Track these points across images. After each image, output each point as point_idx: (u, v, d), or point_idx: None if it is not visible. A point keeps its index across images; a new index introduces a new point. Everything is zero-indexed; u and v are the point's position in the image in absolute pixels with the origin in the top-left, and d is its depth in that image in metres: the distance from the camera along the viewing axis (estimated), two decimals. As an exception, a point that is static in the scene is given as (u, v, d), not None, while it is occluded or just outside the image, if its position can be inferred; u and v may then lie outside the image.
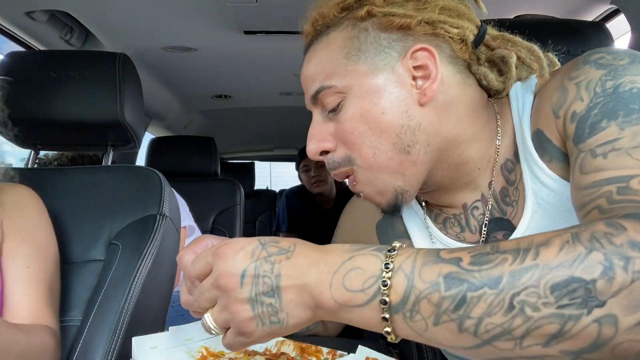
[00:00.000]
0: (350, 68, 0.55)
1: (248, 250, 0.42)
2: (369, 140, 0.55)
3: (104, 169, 0.95)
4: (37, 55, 1.10)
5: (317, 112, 0.59)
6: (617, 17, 1.28)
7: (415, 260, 0.38)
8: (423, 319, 0.37)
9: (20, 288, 0.70)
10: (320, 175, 2.42)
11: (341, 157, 0.58)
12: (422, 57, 0.54)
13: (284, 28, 1.43)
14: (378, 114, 0.54)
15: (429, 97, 0.55)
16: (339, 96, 0.56)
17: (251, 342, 0.43)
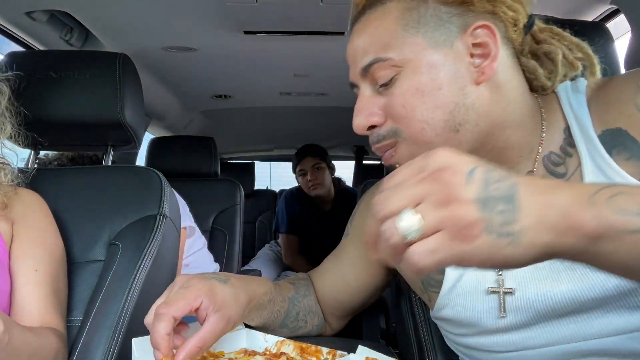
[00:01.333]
0: (408, 40, 0.54)
1: (473, 158, 0.37)
2: (421, 114, 0.54)
3: (104, 169, 0.95)
4: (37, 55, 1.10)
5: (365, 86, 0.58)
6: (617, 17, 1.28)
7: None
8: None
9: (29, 291, 0.70)
10: (317, 178, 2.42)
11: (387, 131, 0.56)
12: (483, 34, 0.53)
13: (284, 28, 1.43)
14: (435, 89, 0.53)
15: (487, 76, 0.54)
16: (394, 69, 0.54)
17: (465, 255, 0.34)
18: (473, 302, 0.60)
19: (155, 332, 0.51)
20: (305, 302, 0.76)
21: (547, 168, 0.58)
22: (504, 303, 0.57)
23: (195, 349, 0.52)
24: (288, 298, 0.74)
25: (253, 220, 3.22)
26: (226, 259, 1.86)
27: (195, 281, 0.57)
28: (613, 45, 0.89)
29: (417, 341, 0.80)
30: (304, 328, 0.76)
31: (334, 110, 2.45)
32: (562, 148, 0.57)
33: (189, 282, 0.57)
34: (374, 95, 0.57)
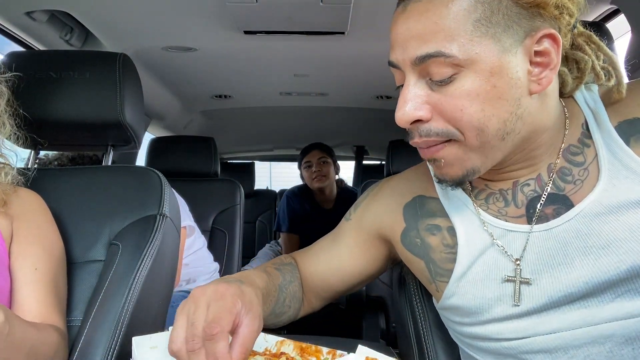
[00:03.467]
0: (476, 39, 0.50)
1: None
2: (478, 121, 0.52)
3: (104, 169, 0.95)
4: (37, 55, 1.10)
5: (413, 75, 0.54)
6: (617, 17, 1.28)
7: None
8: None
9: (29, 289, 0.70)
10: (322, 170, 2.43)
11: (440, 129, 0.54)
12: (546, 43, 0.52)
13: (284, 28, 1.43)
14: (495, 98, 0.51)
15: (542, 87, 0.53)
16: (454, 68, 0.51)
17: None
18: (484, 289, 0.60)
19: (218, 353, 0.48)
20: (290, 288, 0.75)
21: (566, 158, 0.60)
22: (519, 292, 0.57)
23: (242, 354, 0.50)
24: (277, 286, 0.72)
25: (253, 220, 3.22)
26: (226, 259, 1.86)
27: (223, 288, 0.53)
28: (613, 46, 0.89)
29: (417, 341, 0.80)
30: (287, 313, 0.75)
31: (334, 110, 2.45)
32: (579, 140, 0.59)
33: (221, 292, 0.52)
34: (422, 87, 0.54)
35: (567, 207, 0.57)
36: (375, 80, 1.97)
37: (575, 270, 0.55)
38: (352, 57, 1.69)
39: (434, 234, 0.66)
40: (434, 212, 0.67)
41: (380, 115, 2.47)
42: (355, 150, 3.37)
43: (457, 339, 0.69)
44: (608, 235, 0.53)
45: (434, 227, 0.66)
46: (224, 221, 1.94)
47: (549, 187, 0.59)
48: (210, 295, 0.52)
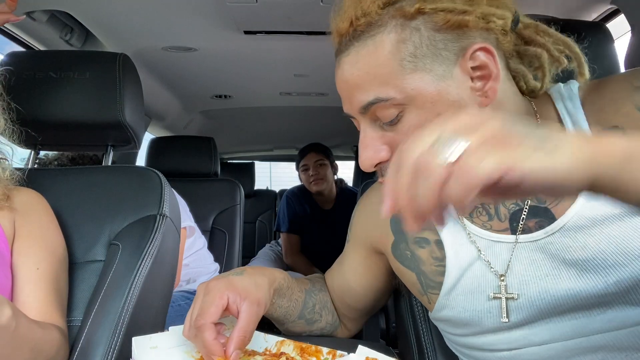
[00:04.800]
0: (408, 77, 0.51)
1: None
2: None
3: (104, 169, 0.95)
4: (37, 55, 1.10)
5: (365, 122, 0.56)
6: (617, 17, 1.28)
7: None
8: None
9: (30, 289, 0.70)
10: (319, 173, 2.42)
11: None
12: (481, 57, 0.52)
13: (284, 28, 1.43)
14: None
15: (490, 99, 0.53)
16: (397, 107, 0.52)
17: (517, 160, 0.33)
18: (474, 302, 0.60)
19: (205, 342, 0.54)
20: (321, 295, 0.79)
21: None
22: (507, 308, 0.57)
23: (240, 339, 0.55)
24: (305, 289, 0.76)
25: (253, 220, 3.22)
26: (226, 259, 1.86)
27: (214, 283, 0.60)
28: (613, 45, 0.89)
29: (417, 341, 0.80)
30: (319, 322, 0.77)
31: (334, 110, 2.45)
32: None
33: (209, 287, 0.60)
34: (376, 131, 0.56)
35: (550, 220, 0.56)
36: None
37: (563, 282, 0.54)
38: (352, 57, 1.69)
39: (423, 247, 0.66)
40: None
41: (380, 115, 2.46)
42: (356, 150, 3.37)
43: (453, 348, 0.70)
44: (593, 248, 0.52)
45: (422, 240, 0.66)
46: (224, 221, 1.94)
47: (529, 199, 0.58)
48: (203, 290, 0.59)
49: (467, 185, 0.33)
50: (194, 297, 0.99)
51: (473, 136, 0.34)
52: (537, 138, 0.34)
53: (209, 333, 0.54)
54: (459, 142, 0.33)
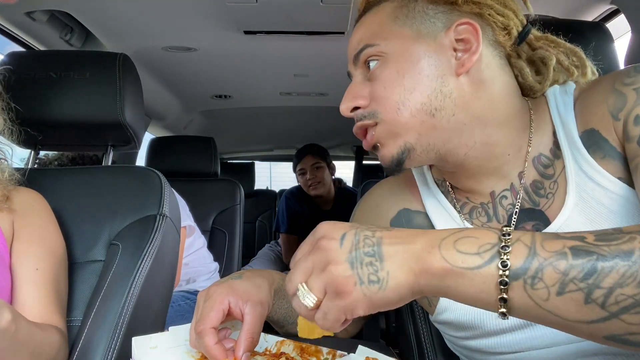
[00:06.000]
0: (395, 31, 0.58)
1: (346, 225, 0.44)
2: (398, 95, 0.57)
3: (104, 169, 0.95)
4: (37, 55, 1.10)
5: (357, 73, 0.62)
6: (617, 17, 1.28)
7: (534, 236, 0.38)
8: (546, 287, 0.36)
9: (30, 290, 0.70)
10: (316, 177, 2.42)
11: (367, 111, 0.60)
12: (465, 30, 0.57)
13: (284, 28, 1.43)
14: (415, 74, 0.57)
15: (466, 69, 0.57)
16: (380, 56, 0.58)
17: (348, 307, 0.41)
18: None
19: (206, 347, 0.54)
20: None
21: (537, 170, 0.60)
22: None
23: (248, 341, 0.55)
24: None
25: (253, 220, 3.22)
26: (226, 259, 1.86)
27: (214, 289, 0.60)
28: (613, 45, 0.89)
29: (417, 341, 0.80)
30: None
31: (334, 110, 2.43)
32: (551, 150, 0.59)
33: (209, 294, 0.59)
34: (363, 82, 0.61)
35: (545, 224, 0.57)
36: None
37: None
38: (352, 57, 1.69)
39: None
40: (421, 227, 0.67)
41: (380, 115, 2.46)
42: (355, 150, 3.37)
43: (455, 350, 0.69)
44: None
45: None
46: (224, 221, 1.94)
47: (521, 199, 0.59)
48: (203, 297, 0.59)
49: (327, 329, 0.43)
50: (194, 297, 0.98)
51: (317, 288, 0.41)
52: (368, 277, 0.40)
53: (209, 338, 0.54)
54: (309, 298, 0.42)
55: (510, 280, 0.37)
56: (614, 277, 0.34)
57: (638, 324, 0.34)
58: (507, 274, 0.37)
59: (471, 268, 0.38)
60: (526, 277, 0.37)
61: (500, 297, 0.37)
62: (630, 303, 0.34)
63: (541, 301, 0.36)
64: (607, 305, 0.35)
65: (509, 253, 0.37)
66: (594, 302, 0.35)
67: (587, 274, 0.35)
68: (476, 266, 0.38)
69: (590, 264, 0.35)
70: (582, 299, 0.35)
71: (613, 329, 0.35)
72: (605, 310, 0.35)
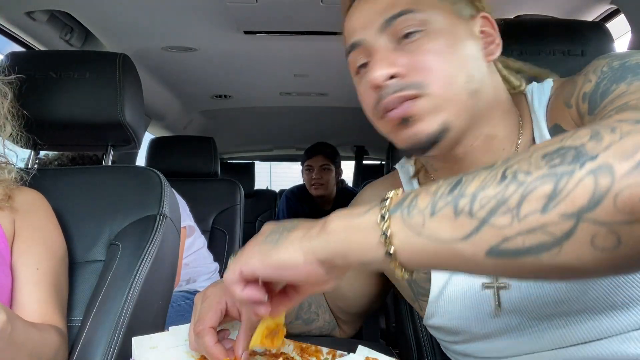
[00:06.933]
0: (438, 3, 0.56)
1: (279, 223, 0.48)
2: (448, 70, 0.55)
3: (104, 169, 0.95)
4: (37, 55, 1.10)
5: (384, 39, 0.57)
6: (617, 17, 1.28)
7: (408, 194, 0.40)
8: (420, 212, 0.37)
9: (30, 289, 0.70)
10: (322, 178, 2.42)
11: (412, 82, 0.55)
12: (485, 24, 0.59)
13: (284, 28, 1.43)
14: (463, 51, 0.56)
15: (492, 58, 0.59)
16: (422, 24, 0.55)
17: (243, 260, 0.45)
18: (461, 308, 0.60)
19: (206, 346, 0.54)
20: (315, 295, 0.78)
21: None
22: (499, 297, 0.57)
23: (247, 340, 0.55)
24: None
25: (253, 220, 3.22)
26: (226, 259, 1.86)
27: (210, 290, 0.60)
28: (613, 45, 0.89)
29: (416, 342, 0.80)
30: (316, 321, 0.77)
31: (334, 110, 2.45)
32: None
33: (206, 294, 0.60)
34: (393, 47, 0.56)
35: None
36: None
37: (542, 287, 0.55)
38: (352, 57, 1.69)
39: None
40: None
41: (381, 115, 2.46)
42: (356, 151, 3.37)
43: (449, 354, 0.70)
44: None
45: None
46: (224, 221, 1.94)
47: None
48: (201, 298, 0.59)
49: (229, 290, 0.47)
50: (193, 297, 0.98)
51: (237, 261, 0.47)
52: (268, 241, 0.45)
53: (208, 338, 0.54)
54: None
55: (390, 215, 0.38)
56: (475, 184, 0.35)
57: (509, 226, 0.33)
58: (386, 209, 0.39)
59: (358, 216, 0.40)
60: (402, 208, 0.38)
61: (382, 233, 0.38)
62: (494, 204, 0.34)
63: (419, 228, 0.37)
64: (474, 212, 0.34)
65: (390, 198, 0.40)
66: (462, 212, 0.35)
67: (453, 187, 0.36)
68: (362, 213, 0.40)
69: (456, 179, 0.37)
70: (452, 213, 0.35)
71: (488, 238, 0.34)
72: (474, 218, 0.34)
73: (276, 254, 0.43)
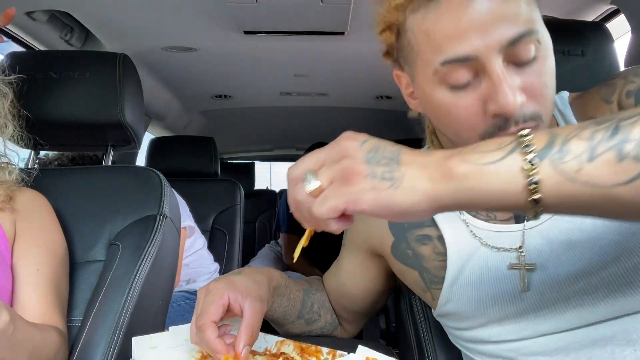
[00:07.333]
0: (539, 17, 0.51)
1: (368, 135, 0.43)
2: (552, 97, 0.52)
3: (104, 169, 0.95)
4: (37, 55, 1.10)
5: (499, 61, 0.49)
6: (617, 17, 1.28)
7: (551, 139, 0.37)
8: (575, 157, 0.35)
9: (31, 290, 0.70)
10: None
11: (532, 112, 0.50)
12: None
13: (284, 28, 1.43)
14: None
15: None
16: (536, 46, 0.50)
17: (352, 196, 0.39)
18: (478, 292, 0.60)
19: (207, 340, 0.54)
20: (318, 295, 0.79)
21: None
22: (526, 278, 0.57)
23: (248, 335, 0.55)
24: (303, 289, 0.77)
25: (253, 220, 3.22)
26: (226, 259, 1.86)
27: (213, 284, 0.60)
28: (613, 45, 0.89)
29: (417, 341, 0.80)
30: (318, 321, 0.78)
31: (334, 110, 2.45)
32: None
33: (208, 289, 0.60)
34: (511, 71, 0.50)
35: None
36: (375, 80, 1.96)
37: (563, 267, 0.55)
38: (352, 57, 1.69)
39: (425, 244, 0.66)
40: (421, 223, 0.67)
41: (381, 115, 2.46)
42: (355, 150, 3.36)
43: (457, 343, 0.70)
44: (590, 229, 0.54)
45: (424, 237, 0.66)
46: (224, 221, 1.94)
47: None
48: (204, 292, 0.60)
49: (320, 217, 0.40)
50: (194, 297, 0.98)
51: (325, 175, 0.41)
52: (381, 173, 0.39)
53: (210, 332, 0.54)
54: (313, 182, 0.41)
55: (537, 161, 0.35)
56: (638, 129, 0.34)
57: None
58: (534, 156, 0.36)
59: (494, 161, 0.37)
60: (552, 154, 0.35)
61: (530, 180, 0.35)
62: None
63: (573, 174, 0.35)
64: None
65: (530, 140, 0.36)
66: (627, 157, 0.34)
67: (613, 132, 0.35)
68: (499, 158, 0.37)
69: (613, 124, 0.35)
70: (615, 157, 0.34)
71: None
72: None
73: (396, 197, 0.38)
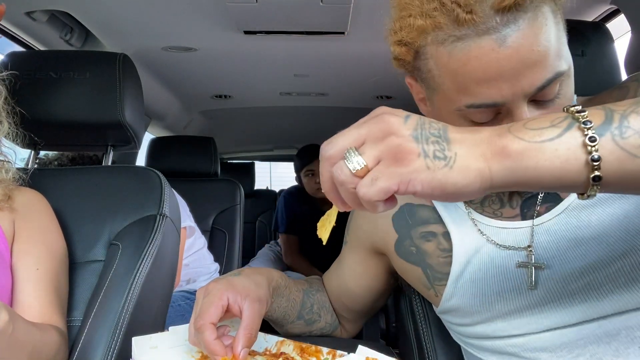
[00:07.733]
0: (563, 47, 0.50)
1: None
2: None
3: (104, 169, 0.95)
4: (37, 55, 1.10)
5: (524, 106, 0.48)
6: (617, 17, 1.28)
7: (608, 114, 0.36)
8: (636, 132, 0.35)
9: (30, 289, 0.70)
10: None
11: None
12: None
13: (284, 28, 1.43)
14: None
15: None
16: (561, 81, 0.49)
17: (406, 176, 0.36)
18: (483, 287, 0.61)
19: (205, 342, 0.54)
20: (318, 295, 0.79)
21: None
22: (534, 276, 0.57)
23: (247, 337, 0.55)
24: (302, 290, 0.77)
25: (253, 220, 3.22)
26: (226, 259, 1.86)
27: (212, 285, 0.60)
28: (613, 45, 0.89)
29: (417, 341, 0.80)
30: (318, 322, 0.78)
31: (334, 110, 2.45)
32: None
33: (208, 290, 0.60)
34: (536, 108, 0.50)
35: (557, 203, 0.58)
36: (376, 81, 1.96)
37: (569, 264, 0.55)
38: (352, 57, 1.69)
39: (430, 240, 0.66)
40: (426, 220, 0.67)
41: (381, 115, 2.46)
42: (355, 150, 3.36)
43: (460, 340, 0.69)
44: (597, 226, 0.54)
45: (429, 234, 0.66)
46: (224, 221, 1.94)
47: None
48: (203, 293, 0.60)
49: (368, 200, 0.37)
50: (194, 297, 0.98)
51: (371, 154, 0.37)
52: (433, 152, 0.36)
53: (208, 333, 0.54)
54: (358, 159, 0.37)
55: (597, 137, 0.34)
56: None
57: None
58: (593, 132, 0.34)
59: (551, 139, 0.36)
60: (612, 129, 0.35)
61: (590, 157, 0.34)
62: None
63: (636, 149, 0.35)
64: None
65: (586, 116, 0.35)
66: None
67: None
68: (556, 135, 0.36)
69: None
70: None
71: None
72: None
73: (451, 178, 0.36)
